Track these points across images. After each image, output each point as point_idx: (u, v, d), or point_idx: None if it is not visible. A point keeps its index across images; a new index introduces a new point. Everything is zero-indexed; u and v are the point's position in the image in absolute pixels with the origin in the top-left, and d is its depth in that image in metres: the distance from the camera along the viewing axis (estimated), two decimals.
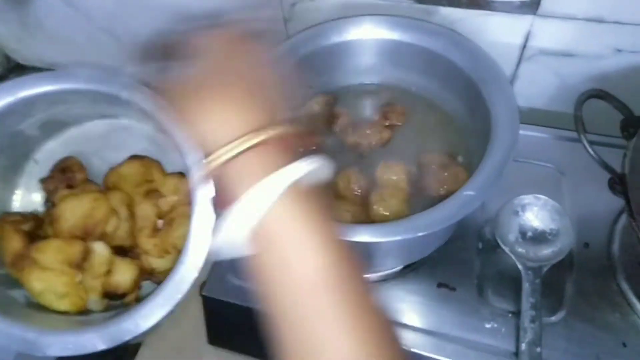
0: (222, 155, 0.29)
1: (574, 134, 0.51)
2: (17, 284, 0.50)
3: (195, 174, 0.36)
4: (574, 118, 0.47)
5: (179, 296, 0.43)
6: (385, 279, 0.54)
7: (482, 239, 0.55)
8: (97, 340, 0.43)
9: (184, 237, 0.48)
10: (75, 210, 0.49)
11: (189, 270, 0.43)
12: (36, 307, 0.49)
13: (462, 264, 0.54)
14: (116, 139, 0.55)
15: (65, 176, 0.53)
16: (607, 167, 0.44)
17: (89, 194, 0.50)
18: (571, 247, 0.51)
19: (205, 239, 0.43)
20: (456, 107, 0.55)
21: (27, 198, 0.55)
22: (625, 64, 0.59)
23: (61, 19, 0.82)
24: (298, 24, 0.67)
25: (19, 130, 0.51)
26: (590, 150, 0.45)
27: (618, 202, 0.49)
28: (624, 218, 0.54)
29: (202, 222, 0.43)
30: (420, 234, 0.39)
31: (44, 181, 0.55)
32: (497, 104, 0.46)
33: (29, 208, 0.55)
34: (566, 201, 0.57)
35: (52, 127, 0.54)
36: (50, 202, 0.54)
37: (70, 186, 0.53)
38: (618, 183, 0.43)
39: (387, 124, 0.56)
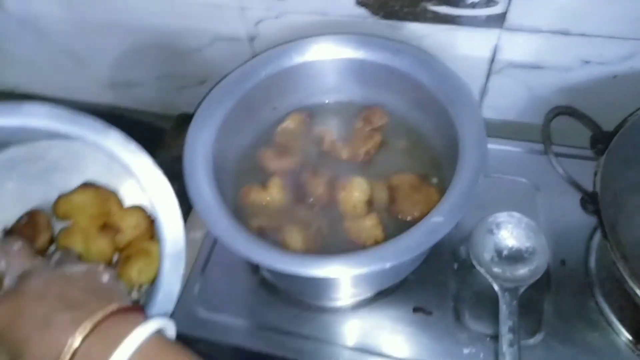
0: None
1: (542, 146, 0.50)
2: None
3: None
4: (541, 136, 0.46)
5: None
6: (358, 306, 0.52)
7: (457, 259, 0.54)
8: None
9: (140, 273, 0.46)
10: None
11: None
12: None
13: (438, 286, 0.52)
14: (67, 160, 0.51)
15: (31, 234, 0.49)
16: (577, 186, 0.43)
17: None
18: (547, 265, 0.50)
19: (175, 281, 0.42)
20: (427, 127, 0.53)
21: None
22: (593, 75, 0.59)
23: (20, 42, 0.79)
24: (263, 41, 0.65)
25: None
26: (559, 169, 0.44)
27: (592, 217, 0.48)
28: (599, 234, 0.53)
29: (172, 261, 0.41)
30: (388, 264, 0.37)
31: (5, 233, 0.50)
32: (464, 126, 0.45)
33: None
34: (541, 217, 0.56)
35: None
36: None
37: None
38: (590, 202, 0.42)
39: (371, 127, 0.55)
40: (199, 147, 0.46)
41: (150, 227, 0.50)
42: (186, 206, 0.70)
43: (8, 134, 0.44)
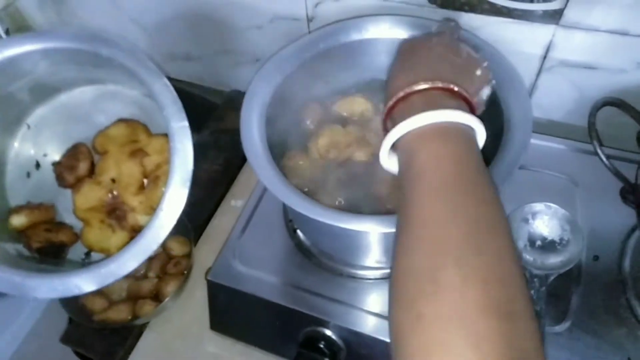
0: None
1: (590, 147, 0.51)
2: (9, 238, 0.52)
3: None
4: (587, 125, 0.47)
5: (154, 246, 0.46)
6: (384, 278, 0.54)
7: None
8: (82, 282, 0.45)
9: None
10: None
11: (163, 224, 0.46)
12: (27, 259, 0.52)
13: None
14: (104, 105, 0.58)
15: (72, 164, 0.57)
16: (619, 175, 0.44)
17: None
18: (580, 258, 0.51)
19: (181, 193, 0.45)
20: None
21: (19, 161, 0.58)
22: None
23: (94, 9, 0.85)
24: (321, 23, 0.68)
25: (8, 93, 0.53)
26: (602, 156, 0.45)
27: (631, 217, 0.48)
28: (637, 234, 0.52)
29: (180, 176, 0.45)
30: None
31: (55, 164, 0.58)
32: (511, 107, 0.46)
33: (22, 172, 0.58)
34: (578, 212, 0.56)
35: (42, 92, 0.56)
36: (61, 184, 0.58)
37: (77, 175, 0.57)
38: (630, 192, 0.42)
39: None
40: (255, 107, 0.49)
41: None
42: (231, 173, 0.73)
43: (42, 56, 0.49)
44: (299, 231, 0.58)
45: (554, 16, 0.56)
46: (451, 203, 0.29)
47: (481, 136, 0.34)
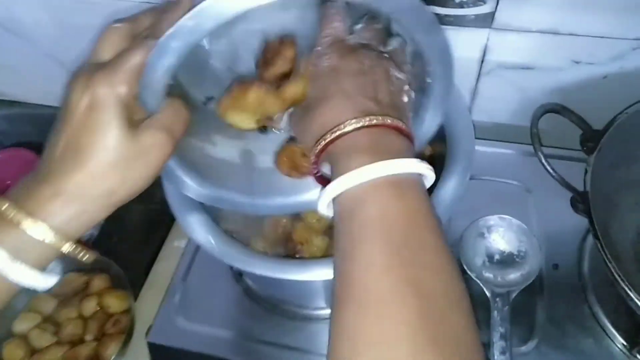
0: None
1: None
2: None
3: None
4: (530, 134, 0.45)
5: None
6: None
7: None
8: None
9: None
10: None
11: None
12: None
13: None
14: None
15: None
16: (567, 185, 0.42)
17: None
18: (540, 270, 0.49)
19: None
20: None
21: None
22: (583, 76, 0.58)
23: (2, 47, 0.77)
24: None
25: None
26: (548, 167, 0.43)
27: (584, 221, 0.47)
28: (591, 237, 0.51)
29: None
30: None
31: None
32: (451, 126, 0.43)
33: None
34: (533, 220, 0.54)
35: None
36: None
37: None
38: (580, 201, 0.40)
39: None
40: None
41: None
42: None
43: None
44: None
45: (486, 20, 0.55)
46: (402, 274, 0.24)
47: (430, 181, 0.30)
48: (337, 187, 0.28)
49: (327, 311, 0.50)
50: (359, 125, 0.29)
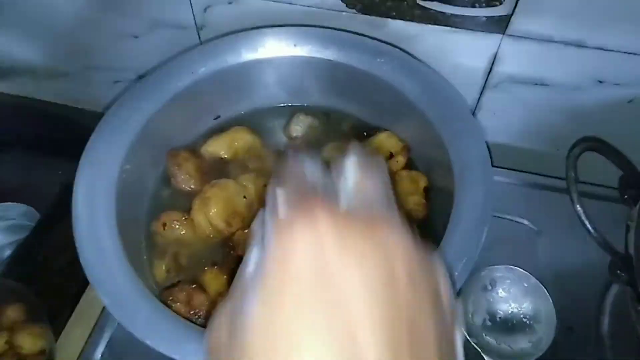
0: None
1: (550, 181, 0.41)
2: None
3: None
4: (566, 180, 0.36)
5: None
6: None
7: None
8: None
9: None
10: None
11: None
12: None
13: None
14: None
15: None
16: (608, 248, 0.33)
17: None
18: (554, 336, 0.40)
19: None
20: (414, 150, 0.42)
21: None
22: (605, 98, 0.50)
23: None
24: (213, 32, 0.53)
25: None
26: (588, 225, 0.34)
27: (604, 267, 0.38)
28: (614, 290, 0.43)
29: None
30: None
31: None
32: (461, 155, 0.34)
33: None
34: (542, 267, 0.45)
35: None
36: None
37: None
38: (622, 268, 0.31)
39: None
40: (102, 169, 0.33)
41: None
42: None
43: None
44: None
45: (500, 24, 0.46)
46: None
47: None
48: None
49: None
50: None
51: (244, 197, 0.37)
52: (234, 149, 0.40)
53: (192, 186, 0.38)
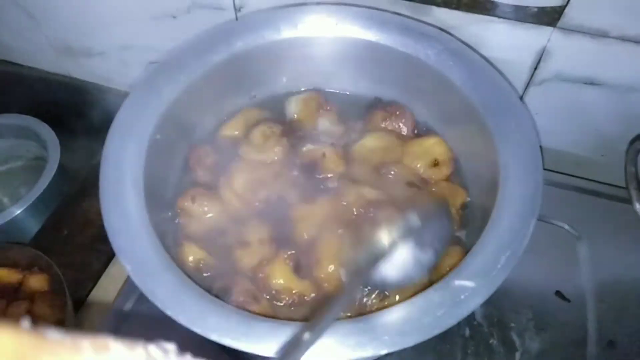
0: None
1: (592, 185, 0.38)
2: None
3: None
4: (625, 176, 0.33)
5: None
6: None
7: (470, 322, 0.40)
8: None
9: None
10: None
11: None
12: None
13: (442, 358, 0.39)
14: None
15: None
16: None
17: None
18: (593, 350, 0.37)
19: None
20: (454, 142, 0.40)
21: None
22: None
23: None
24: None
25: None
26: None
27: None
28: None
29: None
30: (382, 352, 0.24)
31: None
32: (509, 147, 0.31)
33: None
34: (584, 275, 0.42)
35: None
36: None
37: None
38: None
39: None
40: (131, 140, 0.32)
41: None
42: None
43: None
44: None
45: (552, 16, 0.44)
46: None
47: None
48: None
49: None
50: None
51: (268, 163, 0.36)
52: (247, 128, 0.39)
53: (212, 180, 0.37)
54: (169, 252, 0.29)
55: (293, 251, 0.32)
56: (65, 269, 0.51)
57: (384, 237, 0.27)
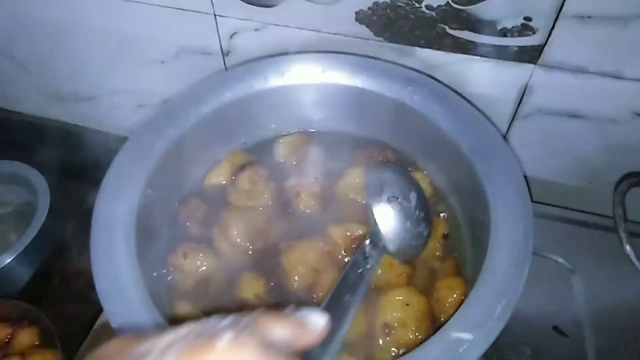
0: None
1: (582, 216, 0.39)
2: None
3: None
4: (613, 218, 0.34)
5: None
6: None
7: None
8: None
9: None
10: None
11: None
12: None
13: None
14: None
15: None
16: None
17: None
18: None
19: None
20: (444, 187, 0.40)
21: None
22: None
23: None
24: (239, 58, 0.53)
25: None
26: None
27: None
28: None
29: None
30: None
31: None
32: (495, 186, 0.32)
33: None
34: (580, 308, 0.42)
35: None
36: None
37: None
38: None
39: None
40: (122, 197, 0.32)
41: None
42: None
43: None
44: None
45: (532, 54, 0.45)
46: None
47: None
48: None
49: None
50: None
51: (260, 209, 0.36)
52: (233, 173, 0.40)
53: (204, 233, 0.37)
54: (163, 311, 0.28)
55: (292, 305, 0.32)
56: (57, 320, 0.50)
57: None
